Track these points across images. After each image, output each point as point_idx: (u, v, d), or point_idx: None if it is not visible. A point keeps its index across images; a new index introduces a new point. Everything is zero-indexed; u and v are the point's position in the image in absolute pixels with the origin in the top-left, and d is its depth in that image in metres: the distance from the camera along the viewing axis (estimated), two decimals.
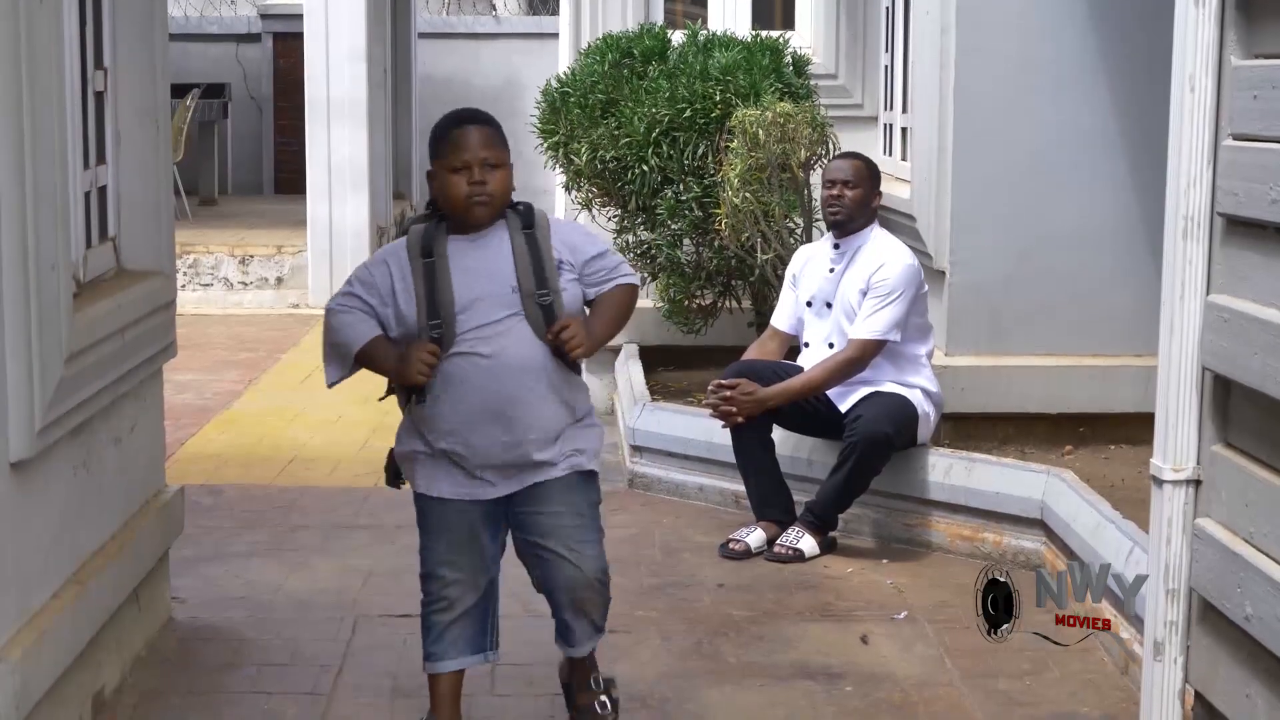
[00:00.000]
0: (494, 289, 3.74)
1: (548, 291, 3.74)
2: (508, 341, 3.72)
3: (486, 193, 3.74)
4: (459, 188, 3.74)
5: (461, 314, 3.72)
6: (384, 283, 3.81)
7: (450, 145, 3.76)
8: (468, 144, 3.75)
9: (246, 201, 15.02)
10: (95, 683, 4.22)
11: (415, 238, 3.82)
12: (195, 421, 7.83)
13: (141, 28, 4.71)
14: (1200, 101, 3.37)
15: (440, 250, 3.78)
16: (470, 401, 3.74)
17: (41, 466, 3.73)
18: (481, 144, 3.76)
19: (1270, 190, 3.11)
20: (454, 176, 3.74)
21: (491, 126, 3.81)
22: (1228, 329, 3.27)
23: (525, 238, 3.79)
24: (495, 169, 3.76)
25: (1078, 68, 6.22)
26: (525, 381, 3.73)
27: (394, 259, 3.83)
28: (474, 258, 3.78)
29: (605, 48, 7.53)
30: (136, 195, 4.73)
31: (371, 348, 3.82)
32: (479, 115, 3.87)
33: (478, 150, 3.75)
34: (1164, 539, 3.48)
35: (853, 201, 5.81)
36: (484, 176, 3.74)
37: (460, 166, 3.73)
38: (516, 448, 3.78)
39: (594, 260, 3.89)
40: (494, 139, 3.80)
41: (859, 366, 5.69)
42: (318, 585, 5.37)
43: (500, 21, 16.74)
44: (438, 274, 3.75)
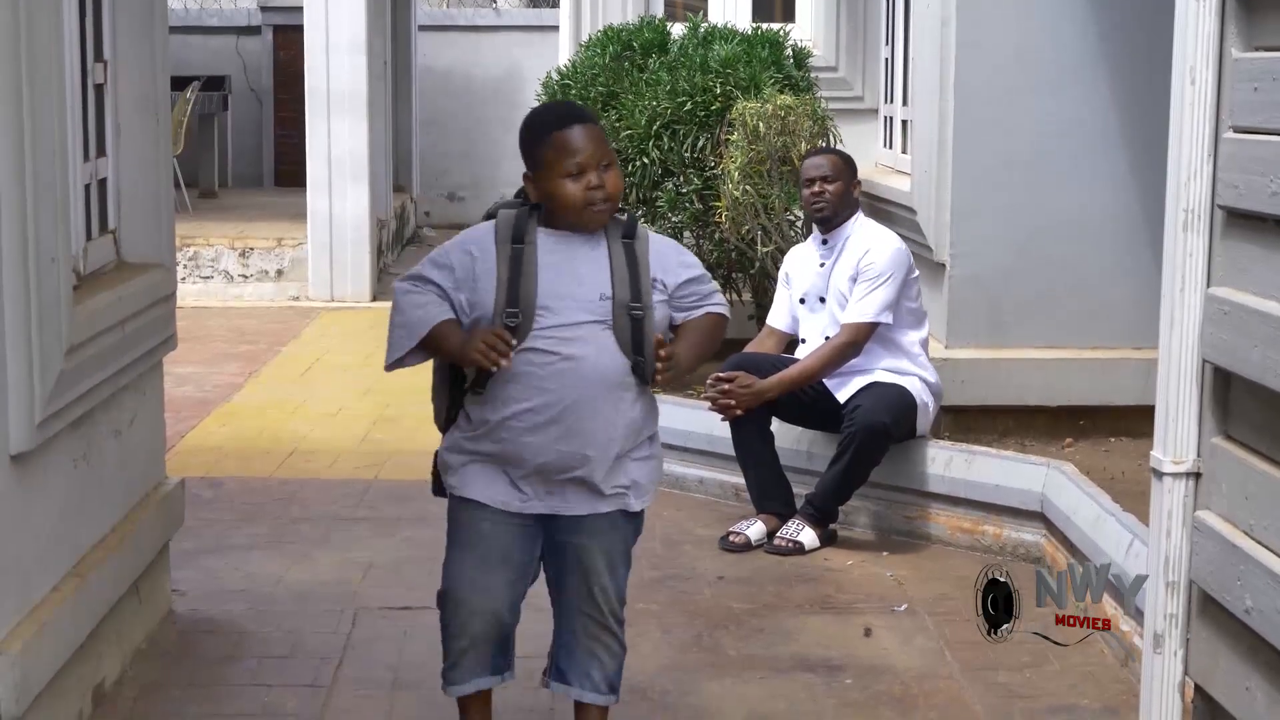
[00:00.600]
0: (582, 292, 3.48)
1: (641, 305, 3.49)
2: (590, 348, 3.46)
3: (606, 196, 3.49)
4: (575, 193, 3.46)
5: (544, 309, 3.46)
6: (462, 265, 3.54)
7: (559, 148, 3.48)
8: (581, 144, 3.47)
9: (247, 194, 15.01)
10: (95, 675, 4.23)
11: (506, 222, 3.56)
12: (195, 414, 7.83)
13: (141, 20, 4.70)
14: (1200, 94, 3.37)
15: (531, 239, 3.53)
16: (535, 401, 3.47)
17: (41, 459, 3.73)
18: (595, 143, 3.49)
19: (1270, 183, 3.11)
20: (568, 182, 3.46)
21: (596, 123, 3.57)
22: (1228, 321, 3.27)
23: (624, 247, 3.54)
24: (609, 169, 3.50)
25: (1078, 60, 6.22)
26: (600, 392, 3.47)
27: (477, 243, 3.56)
28: (566, 255, 3.52)
29: (606, 40, 7.53)
30: (136, 188, 4.73)
31: (441, 329, 3.52)
32: (583, 112, 3.63)
33: (593, 151, 3.48)
34: (1164, 531, 3.48)
35: (834, 195, 5.83)
36: (601, 179, 3.48)
37: (576, 171, 3.46)
38: (571, 460, 3.51)
39: (689, 284, 3.62)
40: (603, 136, 3.55)
41: (854, 351, 5.69)
42: (318, 578, 5.37)
43: (500, 14, 16.73)
44: (524, 262, 3.49)
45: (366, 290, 11.48)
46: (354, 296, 11.44)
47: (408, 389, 8.36)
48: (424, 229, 15.40)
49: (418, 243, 14.85)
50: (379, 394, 8.25)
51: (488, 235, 3.55)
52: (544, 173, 3.50)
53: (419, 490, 6.47)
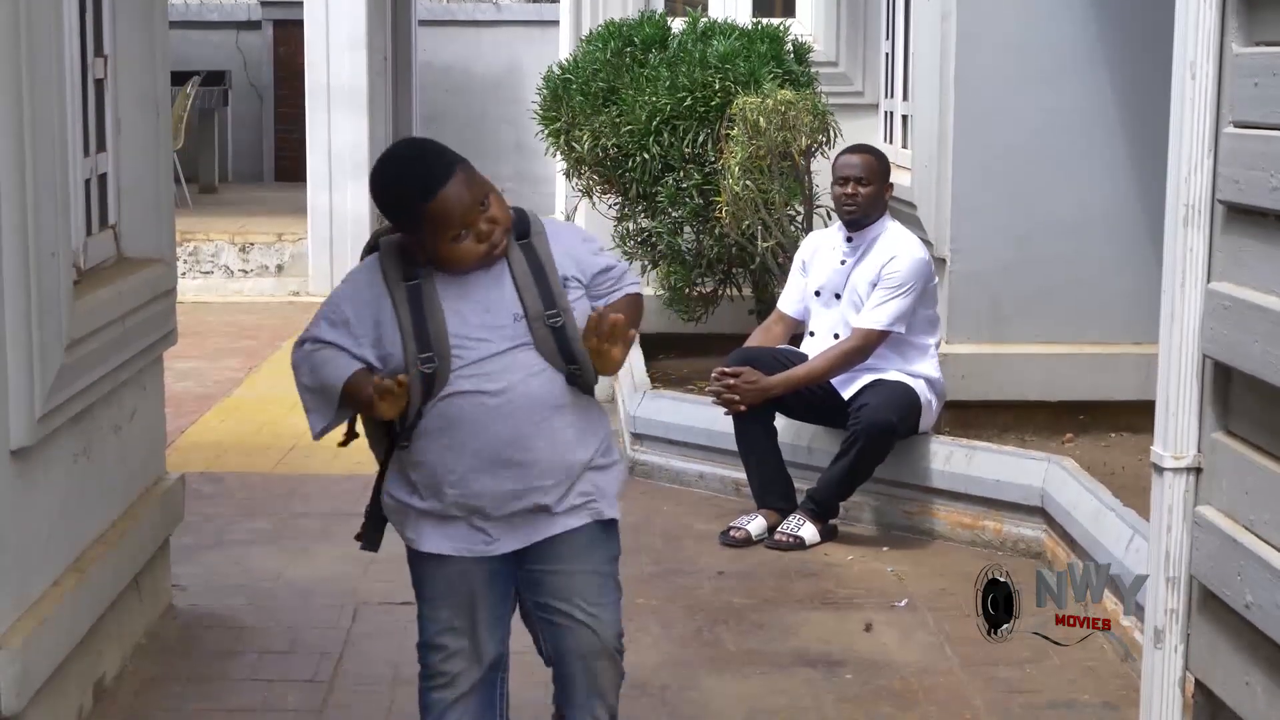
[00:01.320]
0: (494, 319, 3.19)
1: (557, 312, 3.21)
2: (516, 375, 3.17)
3: (499, 232, 3.19)
4: (470, 250, 3.17)
5: (459, 347, 3.17)
6: (358, 317, 3.23)
7: (437, 221, 3.14)
8: (457, 207, 3.14)
9: (247, 189, 15.01)
10: (96, 670, 4.23)
11: (391, 256, 3.23)
12: (196, 409, 7.83)
13: (141, 15, 4.70)
14: (1201, 88, 3.36)
15: (427, 272, 3.21)
16: (473, 445, 3.19)
17: (42, 454, 3.74)
18: (469, 192, 3.16)
19: (1271, 178, 3.10)
20: (459, 246, 3.16)
21: (456, 167, 3.20)
22: (1228, 316, 3.27)
23: (523, 251, 3.25)
24: (489, 202, 3.18)
25: (1078, 55, 6.21)
26: (538, 418, 3.19)
27: (366, 285, 3.25)
28: (466, 283, 3.22)
29: (607, 35, 7.52)
30: (137, 183, 4.73)
31: (355, 383, 3.23)
32: (441, 168, 3.21)
33: (470, 202, 3.16)
34: (1164, 527, 3.48)
35: (866, 198, 5.81)
36: (490, 219, 3.17)
37: (463, 233, 3.15)
38: (528, 495, 3.24)
39: (602, 273, 3.38)
40: (470, 175, 3.19)
41: (861, 356, 5.69)
42: (318, 573, 5.38)
43: (501, 9, 16.72)
44: (425, 299, 3.18)
45: None
46: None
47: None
48: None
49: None
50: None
51: (375, 276, 3.24)
52: (427, 240, 3.18)
53: None
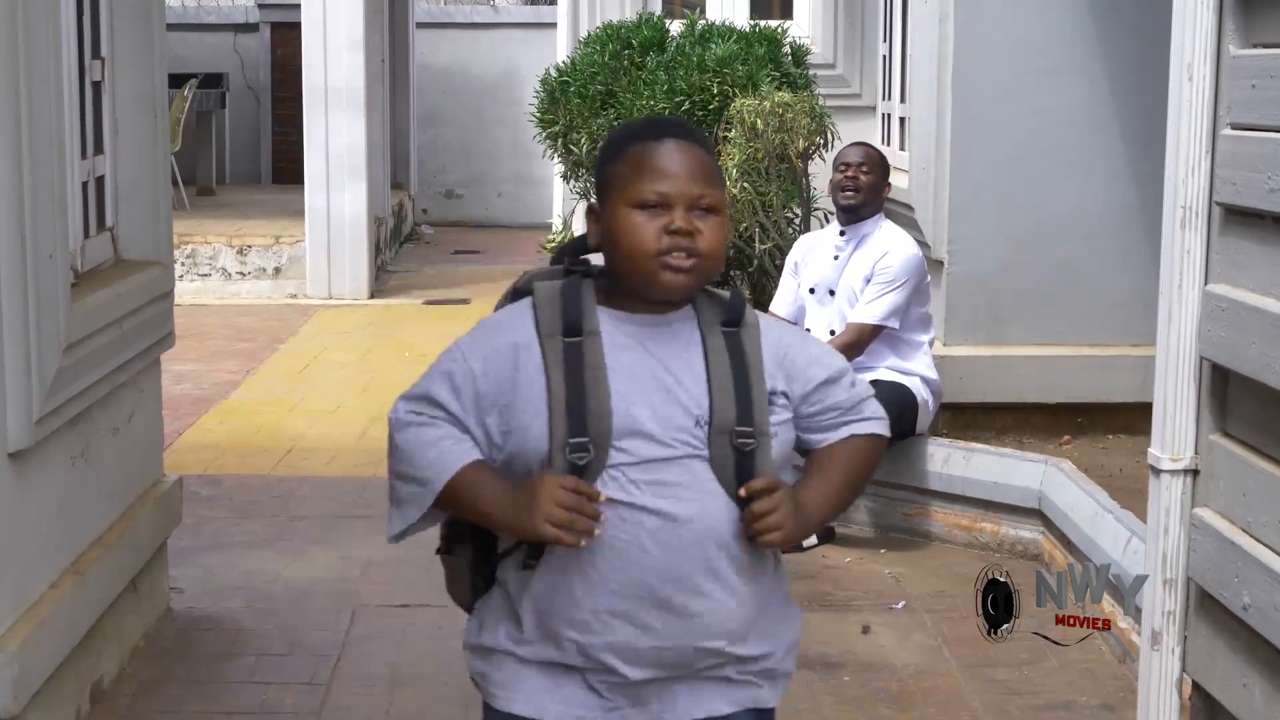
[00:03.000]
0: (670, 410, 2.37)
1: (752, 432, 2.38)
2: (688, 493, 2.35)
3: (694, 250, 2.36)
4: (645, 235, 2.36)
5: (621, 438, 2.35)
6: (491, 375, 2.41)
7: (636, 163, 2.39)
8: (670, 165, 2.38)
9: (244, 191, 15.01)
10: (93, 672, 4.22)
11: (550, 300, 2.42)
12: (193, 411, 7.83)
13: (139, 17, 4.70)
14: (1198, 90, 3.37)
15: (593, 327, 2.40)
16: (619, 579, 2.35)
17: (40, 456, 3.73)
18: (694, 172, 2.39)
19: (1268, 179, 3.11)
20: (636, 215, 2.37)
21: (706, 148, 2.46)
22: (1226, 318, 3.27)
23: (726, 341, 2.43)
24: (709, 215, 2.38)
25: (1076, 57, 6.21)
26: (712, 556, 2.37)
27: (508, 330, 2.44)
28: (645, 350, 2.41)
29: (605, 37, 7.52)
30: (134, 185, 4.73)
31: (470, 480, 2.39)
32: (688, 129, 2.50)
33: (687, 181, 2.37)
34: (1162, 529, 3.48)
35: (866, 186, 5.83)
36: (691, 224, 2.36)
37: (654, 200, 2.36)
38: (682, 655, 2.40)
39: (824, 388, 2.50)
40: (711, 169, 2.43)
41: (856, 351, 5.69)
42: (316, 575, 5.38)
43: (498, 11, 16.73)
44: (588, 364, 2.37)
45: (364, 288, 11.48)
46: (352, 294, 11.43)
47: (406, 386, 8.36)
48: (422, 226, 15.40)
49: (415, 240, 14.84)
50: (377, 391, 8.25)
51: (524, 324, 2.43)
52: (608, 201, 2.42)
53: None
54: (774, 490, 2.34)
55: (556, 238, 8.40)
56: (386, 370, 8.83)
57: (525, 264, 12.59)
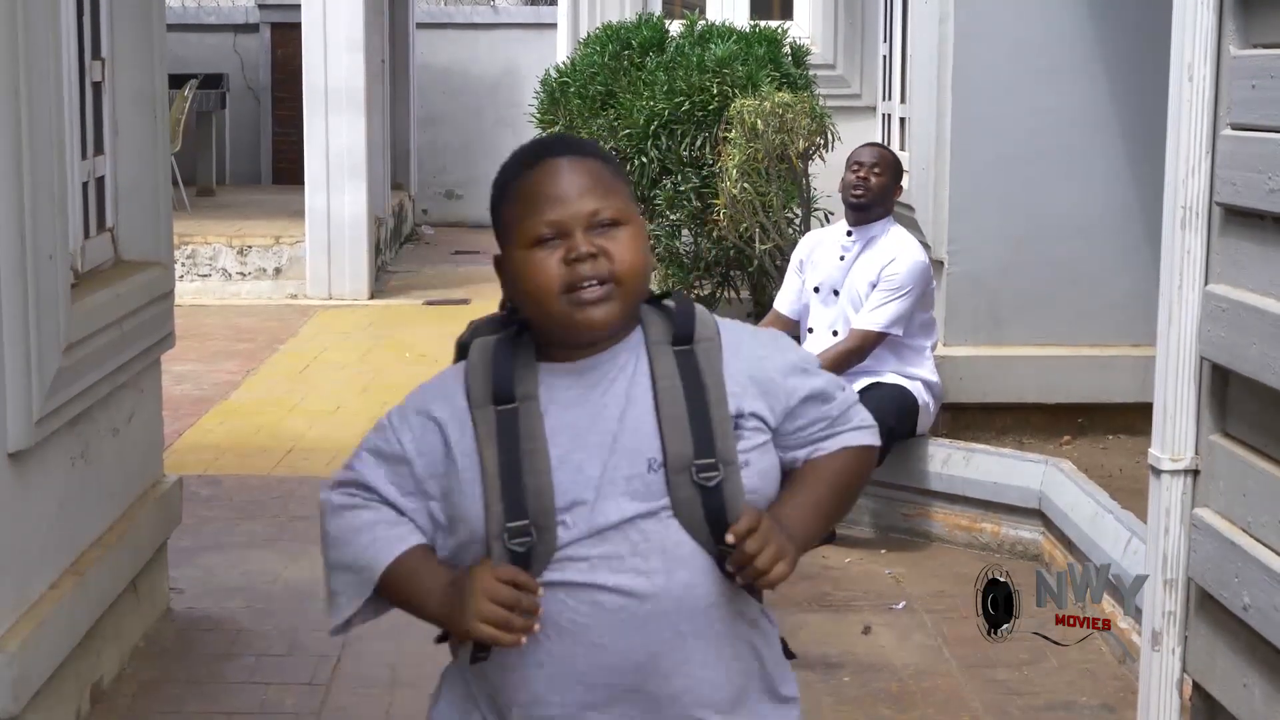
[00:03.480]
0: (622, 464, 2.10)
1: (714, 463, 2.09)
2: (654, 561, 2.08)
3: (603, 274, 2.08)
4: (546, 273, 2.09)
5: (566, 512, 2.08)
6: (423, 452, 2.16)
7: (523, 198, 2.13)
8: (556, 188, 2.11)
9: (244, 192, 15.01)
10: (93, 673, 4.22)
11: (481, 361, 2.17)
12: (193, 412, 7.83)
13: (139, 18, 4.70)
14: (1199, 91, 3.36)
15: (528, 390, 2.14)
16: (582, 667, 2.10)
17: (40, 457, 3.73)
18: (583, 188, 2.11)
19: (1268, 180, 3.10)
20: (536, 254, 2.10)
21: (596, 156, 2.18)
22: (1226, 319, 3.27)
23: (678, 363, 2.14)
24: (614, 228, 2.11)
25: (1076, 57, 6.21)
26: (685, 629, 2.10)
27: (440, 404, 2.18)
28: (585, 406, 2.13)
29: (605, 38, 7.53)
30: (134, 185, 4.73)
31: (406, 569, 2.16)
32: (570, 142, 2.23)
33: (577, 199, 2.10)
34: (1162, 529, 3.48)
35: (877, 187, 5.81)
36: (593, 244, 2.09)
37: (548, 234, 2.10)
38: None
39: (808, 403, 2.22)
40: (604, 178, 2.14)
41: (858, 358, 5.69)
42: (316, 575, 5.33)
43: (498, 11, 16.73)
44: (523, 435, 2.11)
45: (364, 288, 11.48)
46: (352, 294, 11.44)
47: (406, 386, 8.36)
48: (422, 226, 15.40)
49: (415, 240, 14.84)
50: (377, 391, 8.25)
51: (456, 393, 2.17)
52: (506, 244, 2.16)
53: None
54: (756, 525, 2.06)
55: None
56: (387, 371, 8.83)
57: None
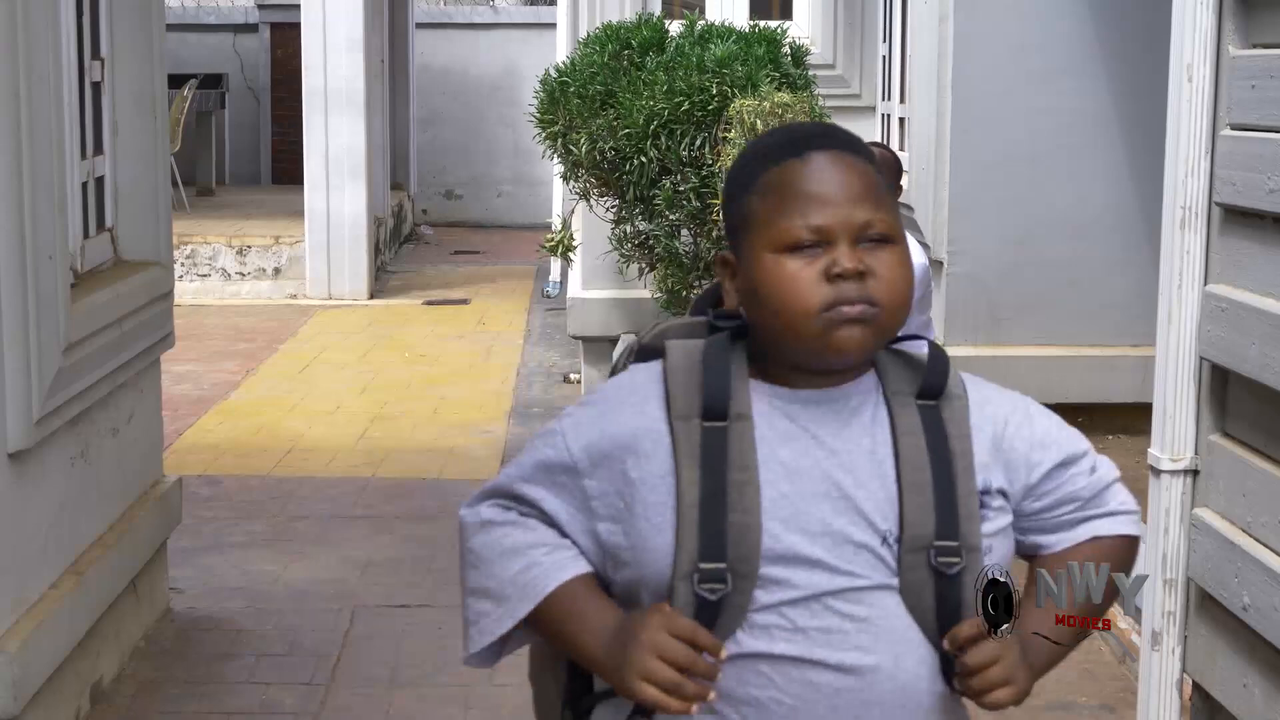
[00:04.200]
0: (847, 524, 1.76)
1: (958, 548, 1.79)
2: (874, 638, 1.75)
3: (868, 296, 1.75)
4: (803, 287, 1.74)
5: (775, 564, 1.73)
6: (603, 463, 1.80)
7: (779, 190, 1.77)
8: (824, 191, 1.75)
9: (244, 192, 15.01)
10: (93, 673, 4.22)
11: (688, 368, 1.80)
12: (193, 412, 7.83)
13: (138, 18, 4.70)
14: (1198, 91, 3.37)
15: (742, 409, 1.77)
16: None
17: (39, 457, 3.73)
18: (856, 193, 1.76)
19: (1268, 180, 3.11)
20: (790, 263, 1.75)
21: (866, 157, 1.82)
22: (1225, 319, 3.27)
23: (923, 419, 1.82)
24: (883, 246, 1.77)
25: (1075, 57, 6.22)
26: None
27: (631, 410, 1.81)
28: (808, 445, 1.78)
29: (604, 38, 7.52)
30: (134, 185, 4.73)
31: (566, 603, 1.79)
32: (838, 135, 1.84)
33: (848, 205, 1.75)
34: (1162, 529, 3.48)
35: None
36: (861, 261, 1.75)
37: (808, 240, 1.75)
38: None
39: (1056, 475, 1.90)
40: (877, 185, 1.79)
41: None
42: (316, 575, 5.37)
43: (498, 11, 16.74)
44: (733, 461, 1.74)
45: (364, 288, 11.48)
46: (351, 294, 11.44)
47: (405, 386, 8.37)
48: (422, 227, 15.40)
49: (415, 240, 14.84)
50: (376, 392, 8.25)
51: (651, 400, 1.81)
52: (745, 247, 1.80)
53: (416, 488, 6.49)
54: (984, 634, 1.78)
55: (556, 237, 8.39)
56: (386, 371, 8.83)
57: (525, 264, 12.59)
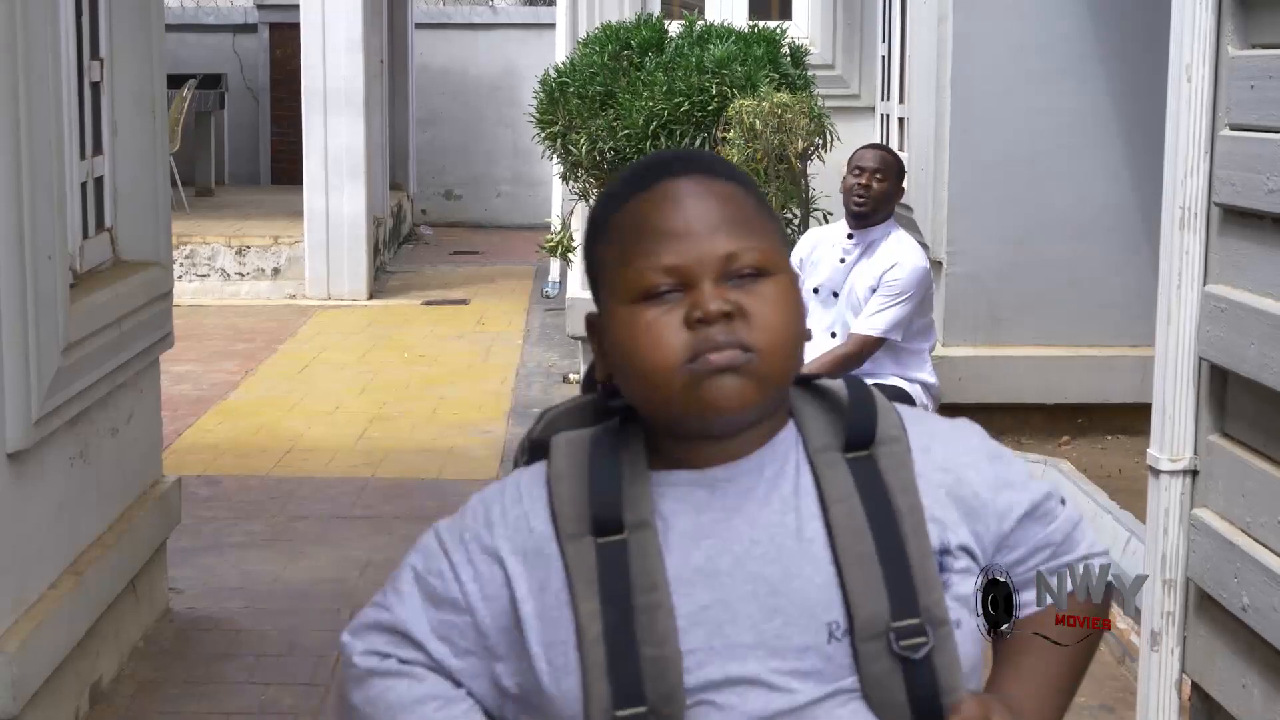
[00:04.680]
0: (787, 629, 1.49)
1: (920, 625, 1.50)
2: None
3: (739, 339, 1.48)
4: (663, 339, 1.49)
5: (704, 693, 1.47)
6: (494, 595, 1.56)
7: (631, 236, 1.52)
8: (677, 224, 1.51)
9: (243, 192, 15.01)
10: (93, 673, 4.22)
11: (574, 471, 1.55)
12: (192, 412, 7.82)
13: (138, 18, 4.70)
14: (1197, 91, 3.37)
15: (641, 514, 1.51)
16: None
17: (39, 457, 3.73)
18: (716, 220, 1.51)
19: (1267, 180, 3.11)
20: (647, 313, 1.50)
21: (729, 177, 1.57)
22: (1224, 319, 3.27)
23: (854, 475, 1.56)
24: (757, 280, 1.51)
25: (1075, 57, 6.22)
26: None
27: (515, 531, 1.56)
28: (723, 538, 1.52)
29: (604, 38, 7.52)
30: (133, 186, 4.73)
31: None
32: (692, 157, 1.63)
33: (707, 236, 1.50)
34: (1161, 529, 3.48)
35: (879, 193, 5.79)
36: (726, 300, 1.48)
37: (663, 284, 1.50)
38: None
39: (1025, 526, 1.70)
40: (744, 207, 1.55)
41: (856, 362, 5.69)
42: (315, 575, 5.37)
43: (497, 12, 16.74)
44: (637, 583, 1.48)
45: (363, 288, 11.48)
46: (351, 295, 11.44)
47: (405, 386, 8.37)
48: (421, 227, 15.40)
49: (414, 240, 14.84)
50: (376, 392, 8.25)
51: (537, 513, 1.55)
52: (601, 299, 1.56)
53: (415, 488, 6.49)
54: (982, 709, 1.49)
55: (555, 237, 8.39)
56: (385, 371, 8.83)
57: (524, 264, 12.59)
